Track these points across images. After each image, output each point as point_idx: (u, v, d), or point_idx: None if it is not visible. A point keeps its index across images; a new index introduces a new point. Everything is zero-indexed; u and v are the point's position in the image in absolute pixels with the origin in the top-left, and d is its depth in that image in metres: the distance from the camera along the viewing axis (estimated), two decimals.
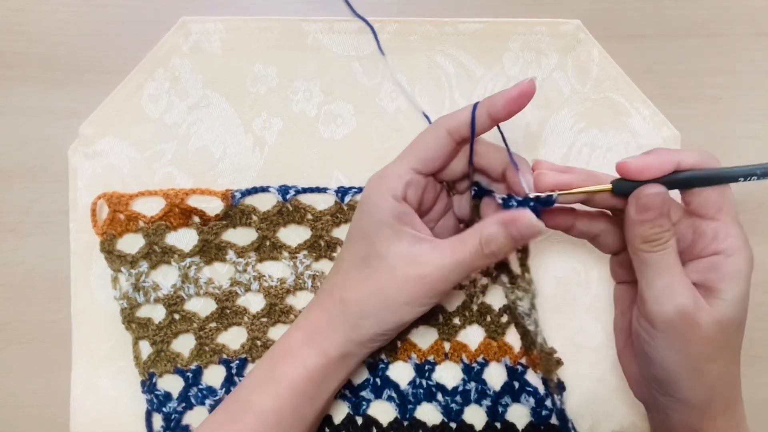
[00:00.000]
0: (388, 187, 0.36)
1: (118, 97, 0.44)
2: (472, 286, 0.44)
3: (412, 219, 0.37)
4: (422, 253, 0.36)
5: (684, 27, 0.46)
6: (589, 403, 0.44)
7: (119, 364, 0.44)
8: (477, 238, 0.35)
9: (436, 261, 0.35)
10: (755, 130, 0.46)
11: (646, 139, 0.45)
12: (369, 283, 0.36)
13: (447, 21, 0.44)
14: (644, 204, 0.34)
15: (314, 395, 0.37)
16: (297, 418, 0.37)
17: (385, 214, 0.36)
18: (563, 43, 0.45)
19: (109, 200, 0.43)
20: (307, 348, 0.37)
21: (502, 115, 0.36)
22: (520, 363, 0.43)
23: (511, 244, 0.35)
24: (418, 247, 0.36)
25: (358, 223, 0.38)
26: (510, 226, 0.35)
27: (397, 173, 0.37)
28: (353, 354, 0.38)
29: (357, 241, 0.38)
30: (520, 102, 0.35)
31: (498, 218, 0.35)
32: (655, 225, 0.34)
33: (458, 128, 0.36)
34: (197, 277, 0.44)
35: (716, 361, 0.34)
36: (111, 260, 0.43)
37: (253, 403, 0.37)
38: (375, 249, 0.36)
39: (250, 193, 0.44)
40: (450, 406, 0.43)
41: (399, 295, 0.36)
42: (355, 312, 0.37)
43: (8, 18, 0.45)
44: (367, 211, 0.37)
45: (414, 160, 0.37)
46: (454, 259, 0.35)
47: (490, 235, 0.35)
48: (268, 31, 0.44)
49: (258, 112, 0.44)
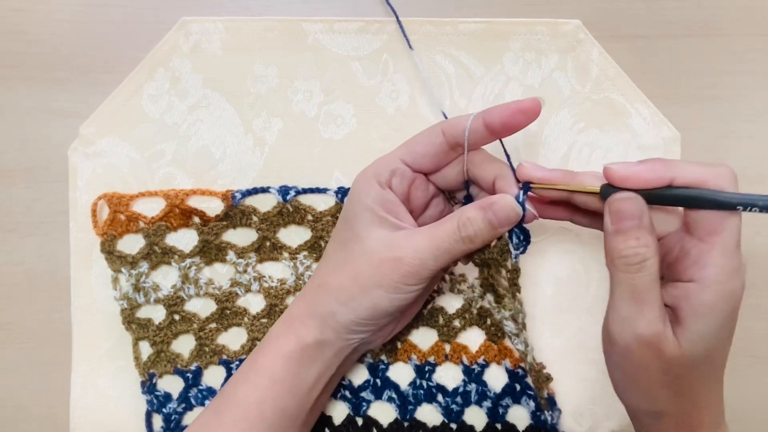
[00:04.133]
0: (374, 173, 0.37)
1: (119, 97, 0.44)
2: (470, 291, 0.44)
3: (396, 207, 0.37)
4: (400, 238, 0.35)
5: (684, 27, 0.46)
6: (589, 403, 0.44)
7: (119, 364, 0.44)
8: (455, 221, 0.35)
9: (412, 244, 0.35)
10: (755, 130, 0.46)
11: (646, 139, 0.45)
12: (346, 266, 0.36)
13: (447, 21, 0.44)
14: (616, 211, 0.31)
15: (293, 385, 0.36)
16: (278, 410, 0.36)
17: (368, 198, 0.36)
18: (563, 43, 0.45)
19: (109, 201, 0.43)
20: (284, 336, 0.37)
21: (498, 128, 0.35)
22: (521, 367, 0.43)
23: (489, 228, 0.35)
24: (399, 233, 0.36)
25: (344, 209, 0.38)
26: (487, 209, 0.34)
27: (386, 161, 0.37)
28: (329, 343, 0.37)
29: (340, 225, 0.38)
30: (520, 119, 0.34)
31: (477, 203, 0.35)
32: (631, 238, 0.31)
33: (453, 130, 0.36)
34: (197, 277, 0.44)
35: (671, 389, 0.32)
36: (111, 261, 0.43)
37: (236, 396, 0.36)
38: (355, 232, 0.36)
39: (251, 193, 0.44)
40: (450, 407, 0.43)
41: (373, 278, 0.35)
42: (331, 297, 0.36)
43: (8, 18, 0.45)
44: (352, 196, 0.37)
45: (404, 152, 0.37)
46: (431, 243, 0.35)
47: (468, 218, 0.34)
48: (268, 31, 0.44)
49: (258, 112, 0.44)
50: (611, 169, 0.32)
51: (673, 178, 0.31)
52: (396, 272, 0.35)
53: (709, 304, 0.30)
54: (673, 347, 0.31)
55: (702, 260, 0.31)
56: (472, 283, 0.44)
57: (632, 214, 0.31)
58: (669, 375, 0.32)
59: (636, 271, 0.31)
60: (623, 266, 0.31)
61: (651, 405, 0.34)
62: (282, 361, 0.36)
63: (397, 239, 0.35)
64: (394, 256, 0.35)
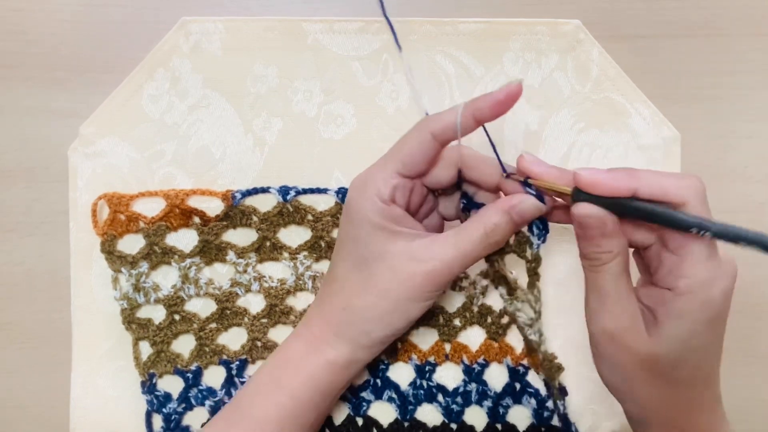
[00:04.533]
0: (375, 191, 0.36)
1: (119, 97, 0.44)
2: (472, 288, 0.44)
3: (405, 218, 0.37)
4: (422, 248, 0.35)
5: (684, 27, 0.46)
6: (589, 403, 0.44)
7: (119, 364, 0.44)
8: (481, 228, 0.35)
9: (440, 255, 0.35)
10: (755, 130, 0.46)
11: (646, 139, 0.45)
12: (371, 285, 0.36)
13: (447, 21, 0.44)
14: (578, 221, 0.33)
15: (318, 402, 0.37)
16: (297, 426, 0.37)
17: (376, 217, 0.35)
18: (563, 43, 0.45)
19: (109, 201, 0.43)
20: (312, 356, 0.37)
21: (488, 117, 0.35)
22: (522, 364, 0.43)
23: (514, 229, 0.36)
24: (417, 242, 0.36)
25: (348, 229, 0.37)
26: (512, 212, 0.35)
27: (383, 178, 0.36)
28: (360, 359, 0.38)
29: (349, 246, 0.37)
30: (506, 104, 0.35)
31: (500, 206, 0.35)
32: (592, 244, 0.33)
33: (443, 131, 0.36)
34: (197, 277, 0.44)
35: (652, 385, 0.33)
36: (111, 261, 0.43)
37: (254, 411, 0.36)
38: (371, 250, 0.36)
39: (251, 193, 0.43)
40: (451, 407, 0.43)
41: (404, 293, 0.35)
42: (360, 318, 0.36)
43: (8, 18, 0.45)
44: (356, 217, 0.36)
45: (399, 164, 0.36)
46: (458, 251, 0.35)
47: (495, 224, 0.35)
48: (268, 31, 0.44)
49: (258, 112, 0.44)
50: (578, 174, 0.32)
51: (636, 189, 0.31)
52: (427, 284, 0.35)
53: (683, 310, 0.31)
54: (643, 343, 0.32)
55: (675, 271, 0.32)
56: (473, 280, 0.44)
57: (596, 225, 0.32)
58: (645, 371, 0.33)
59: (598, 271, 0.33)
60: (588, 266, 0.33)
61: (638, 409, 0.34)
62: (309, 382, 0.37)
63: (419, 250, 0.35)
64: (423, 270, 0.35)
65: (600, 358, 0.34)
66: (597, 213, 0.32)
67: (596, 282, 0.33)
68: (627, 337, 0.32)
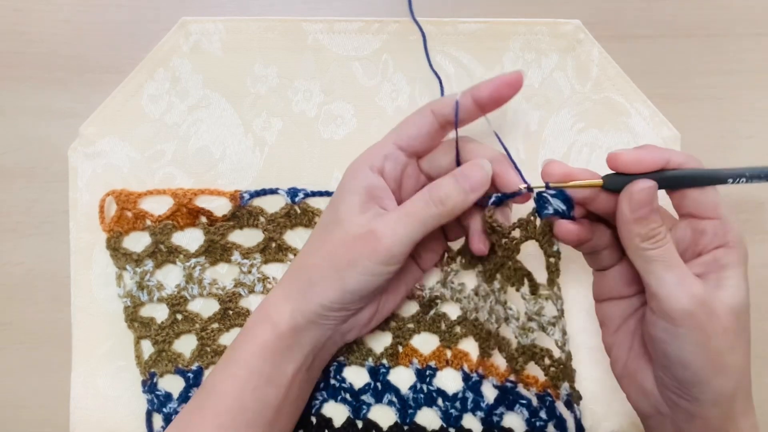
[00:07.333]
0: (367, 158, 0.37)
1: (119, 97, 0.44)
2: (467, 302, 0.43)
3: (383, 194, 0.37)
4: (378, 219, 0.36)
5: (684, 27, 0.46)
6: (589, 403, 0.44)
7: (119, 364, 0.44)
8: (426, 195, 0.36)
9: (385, 218, 0.35)
10: (755, 130, 0.46)
11: (646, 139, 0.45)
12: (323, 247, 0.36)
13: (447, 21, 0.44)
14: (638, 200, 0.33)
15: (271, 375, 0.36)
16: (258, 401, 0.36)
17: (357, 183, 0.36)
18: (563, 43, 0.45)
19: (117, 198, 0.43)
20: (260, 325, 0.37)
21: (487, 103, 0.36)
22: (509, 380, 0.42)
23: (459, 189, 0.36)
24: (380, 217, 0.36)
25: (334, 194, 0.39)
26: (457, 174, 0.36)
27: (379, 146, 0.38)
28: (303, 329, 0.36)
29: (326, 210, 0.39)
30: (506, 92, 0.35)
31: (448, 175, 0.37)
32: (651, 221, 0.33)
33: (443, 110, 0.37)
34: (201, 277, 0.44)
35: (736, 352, 0.33)
36: (116, 258, 0.43)
37: (216, 388, 0.36)
38: (337, 216, 0.36)
39: (259, 194, 0.44)
40: (449, 411, 0.43)
41: (346, 256, 0.35)
42: (305, 278, 0.36)
43: (8, 18, 0.45)
44: (342, 182, 0.38)
45: (396, 136, 0.38)
46: (401, 211, 0.35)
47: (436, 182, 0.36)
48: (268, 31, 0.44)
49: (258, 112, 0.44)
50: (619, 154, 0.34)
51: (668, 160, 0.34)
52: (368, 247, 0.35)
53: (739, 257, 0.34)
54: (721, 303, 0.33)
55: (721, 230, 0.34)
56: (469, 294, 0.43)
57: (647, 199, 0.33)
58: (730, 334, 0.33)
59: (663, 245, 0.33)
60: (652, 245, 0.33)
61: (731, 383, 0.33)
62: (259, 351, 0.36)
63: (374, 221, 0.36)
64: (367, 230, 0.35)
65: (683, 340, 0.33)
66: (652, 184, 0.33)
67: (666, 257, 0.33)
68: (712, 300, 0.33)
